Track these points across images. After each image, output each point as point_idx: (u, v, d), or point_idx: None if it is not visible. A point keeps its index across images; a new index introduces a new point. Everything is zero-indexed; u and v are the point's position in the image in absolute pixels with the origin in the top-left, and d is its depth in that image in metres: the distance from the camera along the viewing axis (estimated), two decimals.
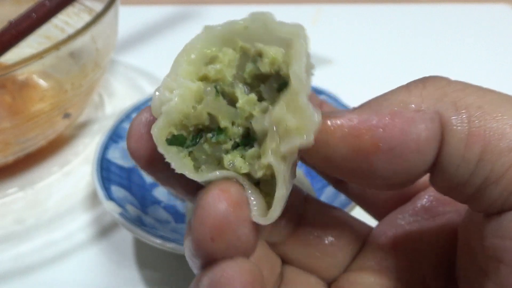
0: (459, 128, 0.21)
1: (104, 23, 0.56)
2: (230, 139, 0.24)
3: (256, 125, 0.24)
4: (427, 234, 0.28)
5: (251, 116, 0.24)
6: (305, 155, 0.24)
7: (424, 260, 0.28)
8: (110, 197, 0.47)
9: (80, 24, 0.59)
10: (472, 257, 0.24)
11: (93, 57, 0.60)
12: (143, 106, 0.59)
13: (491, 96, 0.22)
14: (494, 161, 0.21)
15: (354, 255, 0.30)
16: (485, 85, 0.24)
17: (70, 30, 0.65)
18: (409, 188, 0.29)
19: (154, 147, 0.24)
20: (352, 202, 0.36)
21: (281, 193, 0.23)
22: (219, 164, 0.24)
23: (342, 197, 0.45)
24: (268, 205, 0.24)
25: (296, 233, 0.29)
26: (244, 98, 0.24)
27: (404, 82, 0.25)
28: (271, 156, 0.23)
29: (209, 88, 0.24)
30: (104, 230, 0.53)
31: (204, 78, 0.25)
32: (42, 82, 0.63)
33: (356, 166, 0.23)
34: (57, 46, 0.51)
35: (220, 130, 0.24)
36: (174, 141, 0.24)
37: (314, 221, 0.30)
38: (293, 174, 0.25)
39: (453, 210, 0.28)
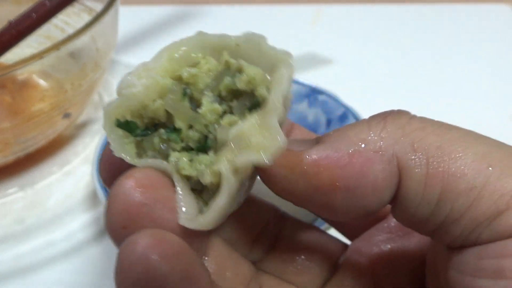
0: (417, 170, 0.22)
1: (104, 23, 0.56)
2: (182, 141, 0.24)
3: (221, 134, 0.24)
4: (402, 252, 0.28)
5: (210, 124, 0.24)
6: (266, 183, 0.24)
7: (400, 277, 0.28)
8: None
9: (80, 24, 0.58)
10: (438, 282, 0.24)
11: (93, 57, 0.60)
12: None
13: (451, 135, 0.22)
14: (453, 201, 0.21)
15: (329, 273, 0.30)
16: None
17: (70, 30, 0.65)
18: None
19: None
20: None
21: (221, 203, 0.23)
22: (165, 159, 0.24)
23: None
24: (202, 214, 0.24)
25: (272, 254, 0.29)
26: (209, 106, 0.24)
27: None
28: (224, 165, 0.23)
29: (175, 87, 0.24)
30: (104, 230, 0.53)
31: (177, 78, 0.25)
32: (42, 82, 0.63)
33: (315, 201, 0.23)
34: (57, 46, 0.51)
35: (175, 130, 0.24)
36: (124, 126, 0.24)
37: (289, 241, 0.30)
38: (243, 192, 0.25)
39: None
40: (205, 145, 0.24)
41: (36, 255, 0.51)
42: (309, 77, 0.62)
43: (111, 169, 0.25)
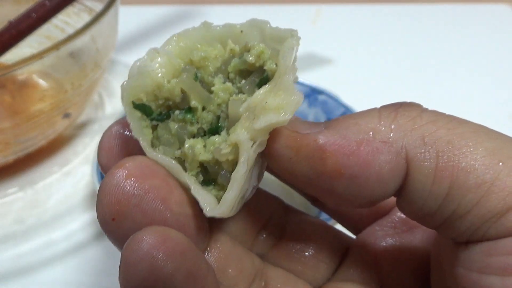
0: (426, 164, 0.21)
1: (104, 23, 0.56)
2: (197, 122, 0.24)
3: (232, 108, 0.24)
4: (406, 246, 0.28)
5: (223, 103, 0.24)
6: (270, 163, 0.24)
7: (404, 271, 0.28)
8: None
9: (80, 24, 0.59)
10: (443, 276, 0.24)
11: (93, 57, 0.60)
12: None
13: (462, 129, 0.22)
14: (462, 197, 0.21)
15: (336, 267, 0.30)
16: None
17: (70, 30, 0.65)
18: (385, 203, 0.30)
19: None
20: None
21: (241, 172, 0.22)
22: (180, 148, 0.24)
23: None
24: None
25: (278, 246, 0.29)
26: (221, 85, 0.25)
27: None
28: (242, 133, 0.23)
29: (188, 67, 0.25)
30: None
31: (188, 63, 0.25)
32: (42, 82, 0.63)
33: (317, 185, 0.23)
34: (57, 46, 0.51)
35: (190, 110, 0.24)
36: (141, 107, 0.24)
37: (295, 233, 0.30)
38: (257, 175, 0.25)
39: None
40: (217, 126, 0.24)
41: (36, 255, 0.51)
42: (309, 77, 0.62)
43: (109, 155, 0.25)
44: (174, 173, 0.24)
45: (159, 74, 0.24)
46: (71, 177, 0.60)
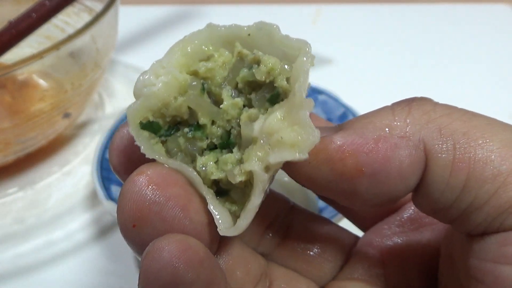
0: (443, 156, 0.21)
1: (104, 23, 0.56)
2: (207, 138, 0.24)
3: (245, 130, 0.23)
4: (413, 245, 0.28)
5: (233, 119, 0.24)
6: (289, 172, 0.24)
7: (410, 270, 0.28)
8: (110, 197, 0.47)
9: (80, 24, 0.59)
10: (454, 272, 0.24)
11: (93, 57, 0.60)
12: None
13: (477, 121, 0.22)
14: (479, 188, 0.21)
15: (341, 265, 0.30)
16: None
17: (70, 30, 0.65)
18: None
19: (135, 161, 0.24)
20: None
21: (257, 202, 0.23)
22: (192, 162, 0.24)
23: None
24: (234, 215, 0.24)
25: (283, 245, 0.29)
26: (230, 100, 0.24)
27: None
28: (256, 164, 0.22)
29: (195, 83, 0.24)
30: (104, 230, 0.53)
31: (193, 73, 0.24)
32: (42, 82, 0.63)
33: (339, 187, 0.23)
34: (57, 46, 0.51)
35: (198, 127, 0.24)
36: (148, 126, 0.24)
37: (300, 232, 0.30)
38: (270, 183, 0.25)
39: (437, 222, 0.28)
40: (228, 141, 0.24)
41: (36, 255, 0.51)
42: (309, 77, 0.62)
43: (121, 156, 0.25)
44: (193, 183, 0.23)
45: (165, 94, 0.24)
46: (71, 177, 0.60)
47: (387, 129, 0.22)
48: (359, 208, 0.31)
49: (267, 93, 0.24)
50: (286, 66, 0.23)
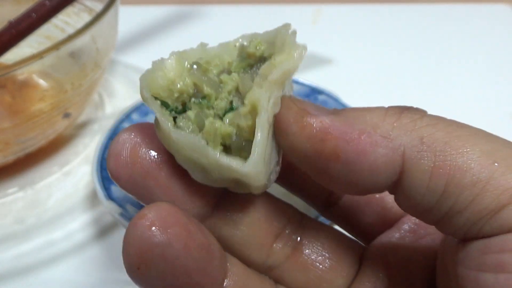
0: (423, 161, 0.22)
1: (104, 23, 0.56)
2: (213, 108, 0.26)
3: (244, 82, 0.25)
4: (415, 257, 0.29)
5: (233, 90, 0.26)
6: (277, 135, 0.25)
7: (415, 282, 0.28)
8: (110, 197, 0.47)
9: (80, 24, 0.59)
10: (448, 281, 0.25)
11: (93, 57, 0.60)
12: (144, 106, 0.59)
13: (460, 132, 0.23)
14: (458, 194, 0.22)
15: (351, 280, 0.30)
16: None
17: (70, 30, 0.65)
18: (392, 213, 0.31)
19: (133, 167, 0.25)
20: None
21: (264, 118, 0.24)
22: (201, 131, 0.25)
23: None
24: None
25: (294, 257, 0.29)
26: (228, 76, 0.26)
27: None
28: (258, 90, 0.24)
29: (195, 66, 0.26)
30: (104, 230, 0.53)
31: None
32: (42, 82, 0.63)
33: (313, 164, 0.24)
34: (57, 46, 0.51)
35: (204, 97, 0.26)
36: (160, 101, 0.26)
37: (311, 244, 0.30)
38: (277, 151, 0.26)
39: (435, 231, 0.29)
40: (231, 108, 0.26)
41: (36, 255, 0.51)
42: (309, 77, 0.62)
43: (118, 162, 0.25)
44: (198, 151, 0.24)
45: (171, 72, 0.26)
46: (71, 177, 0.60)
47: (374, 126, 0.23)
48: (331, 189, 0.31)
49: (259, 66, 0.26)
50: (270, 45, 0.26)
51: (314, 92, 0.60)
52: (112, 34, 0.63)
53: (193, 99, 0.26)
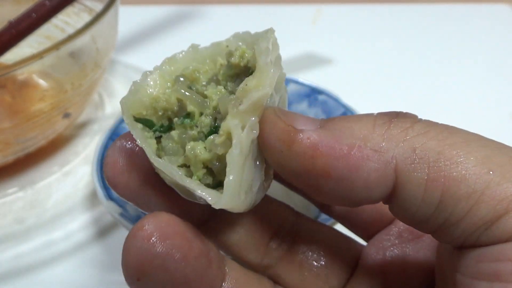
0: (416, 174, 0.22)
1: (104, 23, 0.56)
2: (197, 126, 0.25)
3: (222, 104, 0.24)
4: (412, 257, 0.29)
5: (218, 106, 0.25)
6: (263, 152, 0.24)
7: (411, 282, 0.28)
8: (110, 197, 0.47)
9: (80, 24, 0.59)
10: (446, 284, 0.25)
11: (93, 57, 0.60)
12: None
13: (453, 139, 0.22)
14: (454, 205, 0.21)
15: (347, 278, 0.30)
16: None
17: (70, 30, 0.65)
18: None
19: (129, 174, 0.25)
20: None
21: (235, 153, 0.23)
22: (183, 154, 0.25)
23: None
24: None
25: (290, 256, 0.29)
26: (213, 89, 0.26)
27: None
28: (230, 119, 0.23)
29: (181, 79, 0.26)
30: (104, 230, 0.53)
31: (180, 76, 0.27)
32: (42, 82, 0.63)
33: (305, 181, 0.23)
34: (57, 46, 0.51)
35: (188, 115, 0.25)
36: (143, 121, 0.26)
37: (307, 243, 0.30)
38: (263, 169, 0.26)
39: None
40: (215, 127, 0.25)
41: (36, 255, 0.51)
42: (309, 77, 0.62)
43: (115, 169, 0.26)
44: (177, 180, 0.24)
45: (155, 88, 0.26)
46: (71, 177, 0.60)
47: (364, 138, 0.22)
48: (325, 203, 0.31)
49: (244, 77, 0.25)
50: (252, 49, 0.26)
51: (314, 92, 0.60)
52: (112, 34, 0.63)
53: (175, 119, 0.25)
